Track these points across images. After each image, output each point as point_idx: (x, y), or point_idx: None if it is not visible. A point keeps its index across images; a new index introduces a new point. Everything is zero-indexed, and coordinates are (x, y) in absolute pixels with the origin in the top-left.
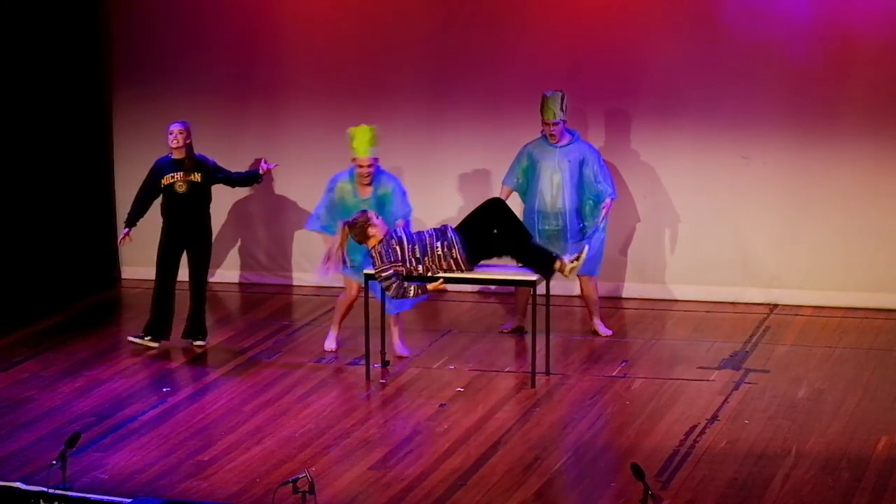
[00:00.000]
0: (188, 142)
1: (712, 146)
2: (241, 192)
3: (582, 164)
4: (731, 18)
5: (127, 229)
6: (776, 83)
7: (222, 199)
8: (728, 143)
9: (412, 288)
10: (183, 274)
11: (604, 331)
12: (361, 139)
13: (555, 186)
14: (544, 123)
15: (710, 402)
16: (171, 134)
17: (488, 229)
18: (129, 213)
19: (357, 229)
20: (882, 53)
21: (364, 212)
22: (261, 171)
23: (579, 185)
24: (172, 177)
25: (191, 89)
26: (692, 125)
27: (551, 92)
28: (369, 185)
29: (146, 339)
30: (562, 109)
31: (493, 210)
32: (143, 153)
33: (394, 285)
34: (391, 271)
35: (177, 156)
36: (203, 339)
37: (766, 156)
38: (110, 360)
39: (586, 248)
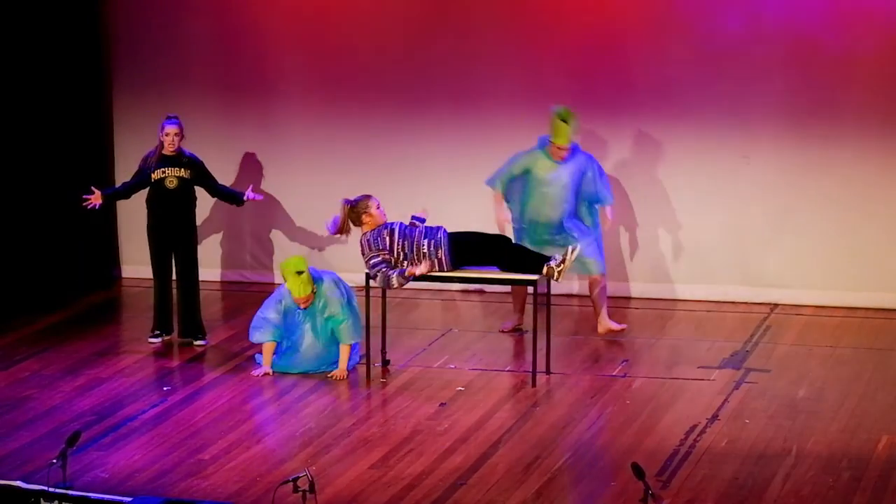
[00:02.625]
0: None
1: (712, 146)
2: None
3: (582, 175)
4: (730, 17)
5: (99, 193)
6: (777, 82)
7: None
8: (728, 142)
9: (394, 278)
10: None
11: (615, 325)
12: (293, 283)
13: (554, 201)
14: (555, 146)
15: (711, 401)
16: (167, 136)
17: (484, 255)
18: (111, 188)
19: (354, 212)
20: (883, 52)
21: (368, 196)
22: (245, 198)
23: (576, 193)
24: (164, 172)
25: (191, 88)
26: (692, 124)
27: (562, 111)
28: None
29: (162, 335)
30: (574, 133)
31: (499, 246)
32: (144, 151)
33: (379, 273)
34: (378, 258)
35: (168, 152)
36: (203, 338)
37: (767, 155)
38: (110, 359)
39: (569, 249)
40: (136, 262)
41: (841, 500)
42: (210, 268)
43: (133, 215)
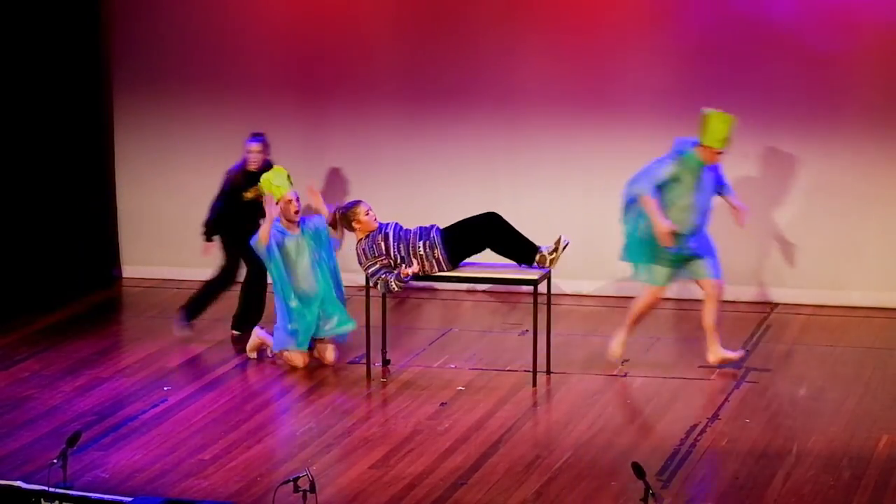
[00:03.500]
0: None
1: None
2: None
3: (717, 177)
4: (733, 16)
5: (209, 243)
6: (777, 81)
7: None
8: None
9: (392, 282)
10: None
11: (730, 354)
12: (281, 178)
13: (700, 208)
14: (713, 150)
15: (711, 400)
16: (250, 153)
17: (479, 242)
18: (208, 226)
19: (345, 218)
20: (883, 50)
21: (358, 202)
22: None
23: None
24: (257, 190)
25: (191, 88)
26: (692, 124)
27: (720, 113)
28: (297, 222)
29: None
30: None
31: (490, 226)
32: (145, 151)
33: (380, 281)
34: (376, 266)
35: (253, 169)
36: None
37: (767, 153)
38: (111, 359)
39: (561, 237)
40: (136, 262)
41: (841, 499)
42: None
43: (133, 215)
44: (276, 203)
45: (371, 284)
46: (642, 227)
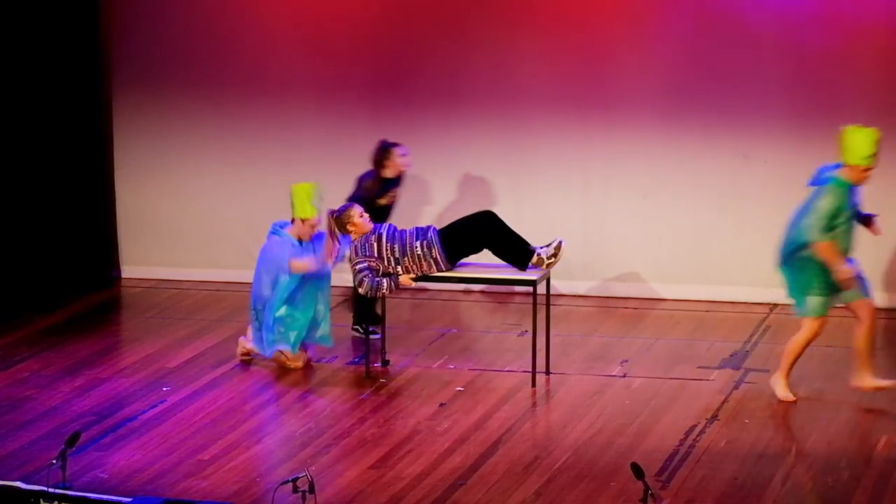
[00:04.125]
0: None
1: (712, 145)
2: (247, 192)
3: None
4: (732, 16)
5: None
6: (777, 82)
7: (234, 198)
8: (728, 142)
9: (385, 283)
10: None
11: (882, 382)
12: (305, 198)
13: (854, 230)
14: (858, 168)
15: (710, 401)
16: (402, 158)
17: (476, 241)
18: None
19: (339, 222)
20: (884, 52)
21: (351, 205)
22: None
23: None
24: (393, 196)
25: (192, 87)
26: (692, 124)
27: (865, 128)
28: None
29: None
30: None
31: (486, 224)
32: (145, 151)
33: (366, 280)
34: (364, 264)
35: (389, 175)
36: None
37: (767, 155)
38: (110, 360)
39: (558, 240)
40: (136, 263)
41: (841, 499)
42: (216, 269)
43: (133, 215)
44: (303, 223)
45: (355, 283)
46: (794, 262)
